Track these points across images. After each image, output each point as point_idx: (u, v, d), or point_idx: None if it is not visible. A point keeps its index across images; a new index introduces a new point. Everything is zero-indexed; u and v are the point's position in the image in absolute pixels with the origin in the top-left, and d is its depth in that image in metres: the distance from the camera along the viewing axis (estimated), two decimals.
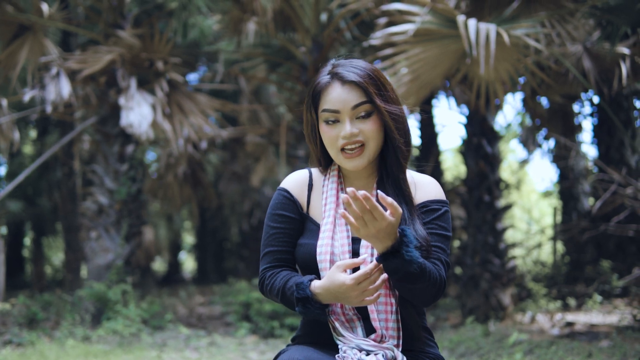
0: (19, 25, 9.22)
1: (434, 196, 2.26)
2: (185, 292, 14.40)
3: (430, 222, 2.21)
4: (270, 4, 8.39)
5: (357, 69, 2.20)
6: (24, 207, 16.50)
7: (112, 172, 9.40)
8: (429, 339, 2.31)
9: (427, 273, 2.02)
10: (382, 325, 2.13)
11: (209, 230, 19.87)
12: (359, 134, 2.16)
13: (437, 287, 2.09)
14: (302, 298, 2.07)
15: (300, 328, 2.34)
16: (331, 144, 2.21)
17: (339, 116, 2.18)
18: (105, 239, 9.20)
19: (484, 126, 8.76)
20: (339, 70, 2.21)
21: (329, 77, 2.22)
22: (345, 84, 2.18)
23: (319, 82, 2.24)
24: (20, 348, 7.56)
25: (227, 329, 9.08)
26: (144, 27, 9.65)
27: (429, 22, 6.46)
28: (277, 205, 2.31)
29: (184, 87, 9.50)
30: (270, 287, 2.24)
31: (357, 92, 2.17)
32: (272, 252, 2.29)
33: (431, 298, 2.12)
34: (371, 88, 2.17)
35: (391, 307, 2.15)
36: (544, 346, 6.28)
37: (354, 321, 2.17)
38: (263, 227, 2.37)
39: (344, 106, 2.16)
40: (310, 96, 2.27)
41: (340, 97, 2.17)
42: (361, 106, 2.16)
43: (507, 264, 8.58)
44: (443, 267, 2.17)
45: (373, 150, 2.19)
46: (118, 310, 8.56)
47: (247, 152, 11.77)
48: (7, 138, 9.47)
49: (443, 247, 2.20)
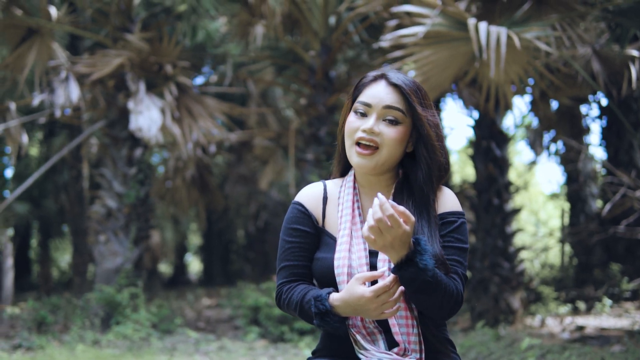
0: (27, 28, 9.23)
1: (449, 208, 2.23)
2: (193, 294, 14.39)
3: (447, 234, 2.18)
4: (279, 7, 8.38)
5: (405, 78, 2.19)
6: (30, 209, 16.52)
7: (121, 175, 9.40)
8: (452, 351, 2.28)
9: (442, 284, 2.00)
10: (405, 339, 2.11)
11: (215, 232, 19.88)
12: (379, 135, 2.14)
13: (453, 300, 2.07)
14: (321, 312, 2.05)
15: (321, 341, 2.31)
16: (350, 133, 2.18)
17: (368, 110, 2.16)
18: (114, 243, 9.20)
19: (493, 129, 8.73)
20: (388, 73, 2.20)
21: (377, 74, 2.22)
22: (390, 85, 2.17)
23: (365, 76, 2.24)
24: (30, 352, 7.55)
25: (236, 332, 9.07)
26: (152, 31, 9.66)
27: (439, 25, 6.43)
28: (292, 220, 2.29)
29: (192, 90, 9.50)
30: (287, 301, 2.22)
31: (396, 96, 2.15)
32: (289, 267, 2.26)
33: (448, 311, 2.10)
34: (414, 97, 2.15)
35: (412, 320, 2.12)
36: (556, 351, 6.25)
37: (375, 334, 2.14)
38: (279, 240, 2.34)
39: (377, 102, 2.15)
40: (353, 88, 2.26)
41: (379, 93, 2.16)
42: (393, 110, 2.14)
43: (516, 268, 8.55)
44: (460, 280, 2.14)
45: (385, 157, 2.15)
46: (127, 315, 8.56)
47: (255, 155, 11.76)
48: (16, 141, 9.48)
49: (460, 260, 2.17)
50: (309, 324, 8.04)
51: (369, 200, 2.26)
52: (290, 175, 9.82)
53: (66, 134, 13.24)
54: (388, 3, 7.80)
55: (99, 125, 9.63)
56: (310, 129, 9.25)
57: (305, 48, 9.58)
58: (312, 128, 9.23)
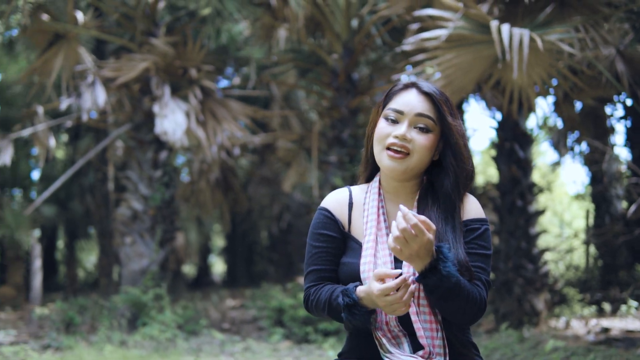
0: (54, 33, 9.38)
1: (473, 215, 2.27)
2: (217, 295, 14.50)
3: (471, 241, 2.22)
4: (302, 10, 8.43)
5: (435, 87, 2.25)
6: (57, 211, 16.73)
7: (146, 178, 9.52)
8: (475, 354, 2.31)
9: (465, 290, 2.05)
10: (429, 343, 2.15)
11: (239, 233, 19.98)
12: (410, 141, 2.18)
13: (476, 306, 2.12)
14: (349, 304, 2.10)
15: (347, 344, 2.35)
16: (380, 139, 2.22)
17: (400, 117, 2.21)
18: (140, 245, 9.31)
19: (516, 131, 8.73)
20: (419, 82, 2.26)
21: (408, 82, 2.27)
22: (422, 93, 2.22)
23: (397, 84, 2.29)
24: (59, 352, 7.69)
25: (261, 333, 9.14)
26: (177, 35, 9.76)
27: (462, 28, 6.46)
28: (319, 225, 2.34)
29: (216, 94, 9.60)
30: (316, 301, 2.26)
31: (428, 105, 2.20)
32: (316, 271, 2.31)
33: (471, 317, 2.14)
34: (444, 107, 2.21)
35: (436, 325, 2.17)
36: (581, 353, 6.23)
37: (400, 337, 2.19)
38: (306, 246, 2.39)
39: (409, 110, 2.20)
40: (384, 95, 2.31)
41: (411, 101, 2.21)
42: (425, 118, 2.19)
43: (540, 269, 8.53)
44: (484, 286, 2.18)
45: (414, 163, 2.20)
46: (153, 316, 8.66)
47: (278, 157, 11.84)
48: (44, 145, 9.64)
49: (483, 267, 2.21)
50: (333, 325, 8.11)
51: (393, 206, 2.31)
52: (313, 177, 9.86)
53: (92, 137, 13.40)
54: (410, 6, 7.83)
55: (125, 129, 9.76)
56: (333, 131, 9.30)
57: (327, 51, 9.63)
58: (335, 130, 9.28)
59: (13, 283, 14.90)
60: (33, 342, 8.29)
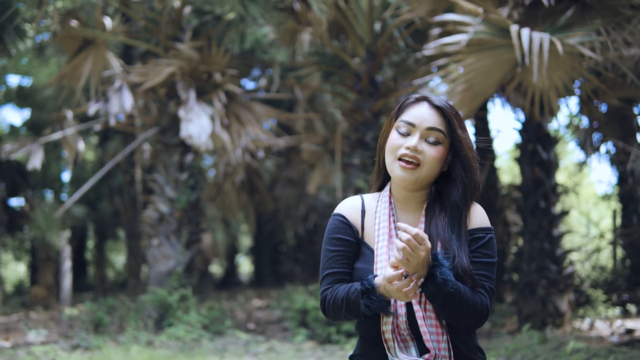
0: (83, 39, 9.58)
1: (479, 224, 2.36)
2: (243, 295, 14.65)
3: (476, 250, 2.30)
4: (325, 14, 8.52)
5: (445, 101, 2.34)
6: (86, 211, 17.01)
7: (172, 181, 9.68)
8: (481, 357, 2.39)
9: (465, 297, 2.15)
10: (435, 346, 2.23)
11: (265, 234, 20.12)
12: (421, 153, 2.26)
13: (478, 312, 2.20)
14: (367, 289, 2.17)
15: (358, 347, 2.44)
16: (392, 150, 2.31)
17: (412, 129, 2.29)
18: (166, 246, 9.48)
19: (540, 132, 8.74)
20: (430, 96, 2.34)
21: (420, 96, 2.36)
22: (433, 107, 2.31)
23: (409, 97, 2.38)
24: (88, 352, 7.87)
25: (285, 334, 9.25)
26: (202, 39, 9.90)
27: (482, 32, 6.50)
28: (335, 230, 2.42)
29: (241, 97, 9.72)
30: (333, 300, 2.32)
31: (438, 118, 2.29)
32: (332, 274, 2.38)
33: (474, 323, 2.24)
34: (454, 120, 2.29)
35: (441, 328, 2.25)
36: (602, 355, 6.24)
37: (407, 341, 2.27)
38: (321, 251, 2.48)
39: (421, 123, 2.28)
40: (396, 108, 2.40)
41: (423, 115, 2.29)
42: (435, 132, 2.28)
43: (564, 270, 8.53)
44: (487, 294, 2.26)
45: (425, 174, 2.28)
46: (179, 316, 8.82)
47: (302, 159, 11.95)
48: (73, 148, 9.85)
49: (487, 275, 2.29)
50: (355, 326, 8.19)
51: (403, 214, 2.39)
52: (337, 179, 9.95)
53: (120, 139, 13.61)
54: (433, 9, 7.88)
55: (152, 132, 9.93)
56: (357, 134, 9.37)
57: (351, 54, 9.70)
58: (358, 133, 9.35)
59: (44, 284, 15.19)
60: (63, 342, 8.50)
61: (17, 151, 9.81)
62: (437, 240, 2.27)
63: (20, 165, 15.70)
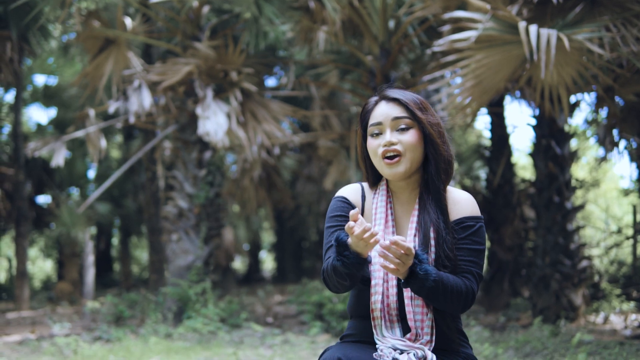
0: (105, 39, 9.81)
1: (469, 213, 2.49)
2: (264, 291, 14.83)
3: (466, 237, 2.44)
4: (338, 13, 8.64)
5: (401, 90, 2.51)
6: (111, 208, 17.29)
7: (191, 177, 9.88)
8: (463, 341, 2.53)
9: (448, 286, 2.29)
10: (418, 325, 2.38)
11: (288, 230, 20.29)
12: (398, 143, 2.42)
13: (463, 297, 2.35)
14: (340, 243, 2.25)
15: (348, 327, 2.60)
16: (374, 153, 2.47)
17: (381, 128, 2.46)
18: (186, 241, 9.68)
19: (553, 127, 8.79)
20: (385, 91, 2.52)
21: (376, 98, 2.53)
22: (390, 101, 2.48)
23: (367, 103, 2.55)
24: (108, 344, 8.10)
25: (302, 327, 9.40)
26: (219, 38, 10.08)
27: (491, 29, 6.60)
28: (336, 209, 2.56)
29: (257, 95, 9.88)
30: (327, 269, 2.41)
31: (398, 108, 2.46)
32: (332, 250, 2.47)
33: (460, 307, 2.37)
34: (412, 105, 2.45)
35: (427, 309, 2.39)
36: (611, 347, 6.31)
37: (393, 322, 2.42)
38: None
39: (385, 118, 2.45)
40: (359, 118, 2.57)
41: (384, 111, 2.47)
42: (401, 119, 2.44)
43: (578, 265, 8.58)
44: (474, 279, 2.41)
45: (410, 160, 2.43)
46: (198, 309, 9.01)
47: (320, 155, 12.09)
48: (96, 146, 10.09)
49: (475, 261, 2.43)
50: None
51: (399, 203, 2.55)
52: (353, 176, 10.07)
53: (143, 137, 13.87)
54: (446, 6, 7.97)
55: (171, 130, 10.14)
56: None
57: (366, 52, 9.81)
58: None
59: (70, 279, 15.49)
60: (85, 334, 8.74)
61: (40, 149, 10.07)
62: (430, 226, 2.42)
63: (46, 163, 16.02)
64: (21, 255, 13.28)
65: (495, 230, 10.80)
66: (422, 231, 2.42)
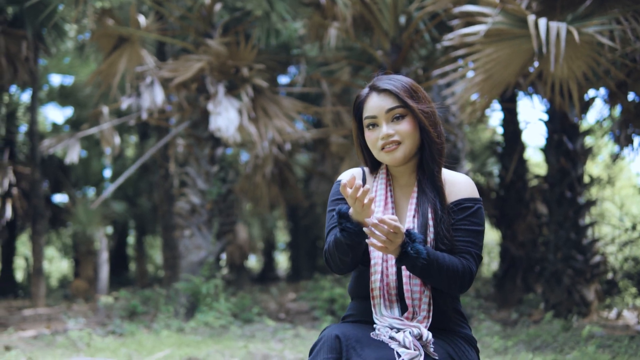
0: (118, 37, 9.90)
1: (468, 194, 2.53)
2: (277, 289, 14.88)
3: (464, 218, 2.48)
4: (349, 10, 8.66)
5: (392, 80, 2.53)
6: (127, 207, 17.42)
7: (204, 173, 9.94)
8: (461, 320, 2.56)
9: (443, 265, 2.33)
10: (416, 304, 2.41)
11: (302, 228, 20.32)
12: (395, 134, 2.46)
13: (460, 277, 2.37)
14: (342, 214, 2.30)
15: (349, 308, 2.65)
16: (373, 145, 2.52)
17: (377, 120, 2.50)
18: (198, 237, 9.74)
19: (565, 123, 8.77)
20: (375, 82, 2.55)
21: (368, 89, 2.56)
22: (381, 92, 2.50)
23: (359, 95, 2.59)
24: (121, 337, 8.17)
25: (313, 323, 9.43)
26: (231, 35, 10.14)
27: (500, 23, 6.60)
28: (337, 193, 2.61)
29: (268, 91, 9.93)
30: (328, 247, 2.46)
31: (390, 98, 2.48)
32: (334, 229, 2.51)
33: (457, 287, 2.40)
34: (403, 93, 2.47)
35: (425, 288, 2.43)
36: (622, 340, 6.29)
37: (392, 302, 2.45)
38: None
39: (379, 111, 2.48)
40: (353, 109, 2.60)
41: (376, 104, 2.49)
42: (395, 109, 2.47)
43: (590, 260, 8.55)
44: (472, 259, 2.44)
45: (409, 147, 2.48)
46: (209, 304, 9.07)
47: (331, 151, 12.11)
48: (110, 143, 10.18)
49: (474, 241, 2.47)
50: None
51: (399, 186, 2.60)
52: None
53: (157, 136, 13.97)
54: (456, 1, 7.97)
55: (184, 126, 10.21)
56: None
57: (377, 48, 9.82)
58: None
59: (85, 277, 15.63)
60: (99, 329, 8.82)
61: (55, 145, 10.17)
62: (428, 207, 2.46)
63: (62, 162, 16.17)
64: (37, 253, 13.41)
65: (508, 226, 10.78)
66: (421, 212, 2.46)
